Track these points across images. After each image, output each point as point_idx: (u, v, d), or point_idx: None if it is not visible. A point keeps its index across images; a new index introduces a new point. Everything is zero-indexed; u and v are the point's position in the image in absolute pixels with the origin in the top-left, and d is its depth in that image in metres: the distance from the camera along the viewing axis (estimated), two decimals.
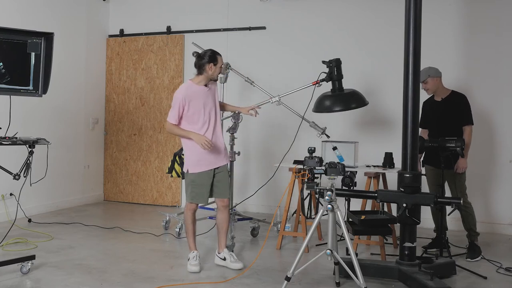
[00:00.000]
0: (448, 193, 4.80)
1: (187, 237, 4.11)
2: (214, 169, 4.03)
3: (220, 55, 4.04)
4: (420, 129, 4.80)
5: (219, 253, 4.11)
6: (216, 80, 4.12)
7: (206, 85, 4.02)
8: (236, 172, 5.99)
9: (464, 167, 4.56)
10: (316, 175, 3.49)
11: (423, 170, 4.77)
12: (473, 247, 4.51)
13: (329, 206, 3.31)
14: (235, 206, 5.29)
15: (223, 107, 4.37)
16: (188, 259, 4.00)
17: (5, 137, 3.51)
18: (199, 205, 4.11)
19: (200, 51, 4.19)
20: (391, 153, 4.80)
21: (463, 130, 4.57)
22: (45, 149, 3.86)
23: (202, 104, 3.96)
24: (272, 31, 6.47)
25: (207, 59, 3.95)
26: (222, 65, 4.06)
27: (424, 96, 4.40)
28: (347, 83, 4.79)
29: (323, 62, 4.67)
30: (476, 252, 4.47)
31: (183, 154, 5.18)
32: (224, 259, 4.05)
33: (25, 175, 3.55)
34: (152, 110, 7.00)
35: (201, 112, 3.96)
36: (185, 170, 4.06)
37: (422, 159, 4.82)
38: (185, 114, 3.95)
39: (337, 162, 3.48)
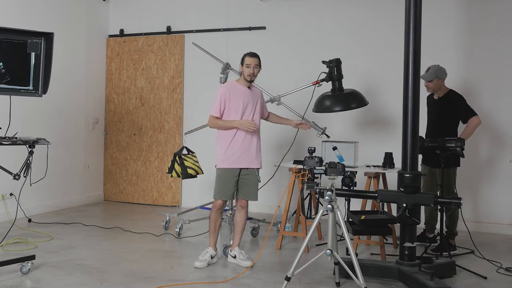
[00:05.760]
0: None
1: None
2: (241, 169, 4.11)
3: (249, 54, 4.11)
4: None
5: (231, 251, 4.22)
6: (248, 81, 4.13)
7: (248, 88, 4.15)
8: None
9: None
10: (316, 175, 3.49)
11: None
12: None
13: (329, 206, 3.31)
14: (235, 206, 5.28)
15: (269, 118, 4.46)
16: (200, 254, 4.14)
17: (5, 137, 3.51)
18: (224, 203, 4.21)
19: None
20: (391, 153, 4.79)
21: (469, 122, 4.54)
22: (45, 149, 3.86)
23: (241, 102, 4.08)
24: (272, 31, 6.46)
25: (240, 62, 4.14)
26: (250, 64, 4.07)
27: (424, 94, 4.40)
28: (347, 83, 4.79)
29: (323, 62, 4.67)
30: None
31: (183, 154, 5.22)
32: (235, 257, 4.15)
33: (25, 175, 3.55)
34: (152, 110, 7.00)
35: (240, 111, 4.07)
36: (215, 165, 4.19)
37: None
38: (226, 109, 4.06)
39: (337, 162, 3.48)
